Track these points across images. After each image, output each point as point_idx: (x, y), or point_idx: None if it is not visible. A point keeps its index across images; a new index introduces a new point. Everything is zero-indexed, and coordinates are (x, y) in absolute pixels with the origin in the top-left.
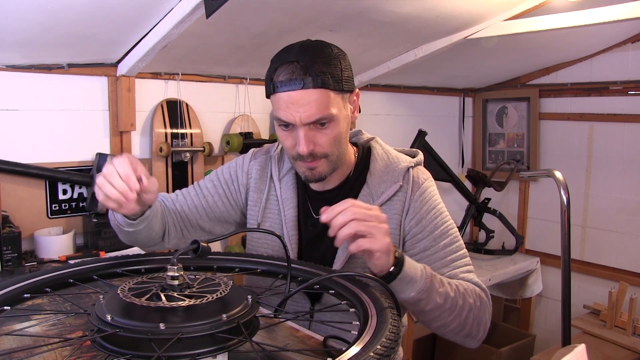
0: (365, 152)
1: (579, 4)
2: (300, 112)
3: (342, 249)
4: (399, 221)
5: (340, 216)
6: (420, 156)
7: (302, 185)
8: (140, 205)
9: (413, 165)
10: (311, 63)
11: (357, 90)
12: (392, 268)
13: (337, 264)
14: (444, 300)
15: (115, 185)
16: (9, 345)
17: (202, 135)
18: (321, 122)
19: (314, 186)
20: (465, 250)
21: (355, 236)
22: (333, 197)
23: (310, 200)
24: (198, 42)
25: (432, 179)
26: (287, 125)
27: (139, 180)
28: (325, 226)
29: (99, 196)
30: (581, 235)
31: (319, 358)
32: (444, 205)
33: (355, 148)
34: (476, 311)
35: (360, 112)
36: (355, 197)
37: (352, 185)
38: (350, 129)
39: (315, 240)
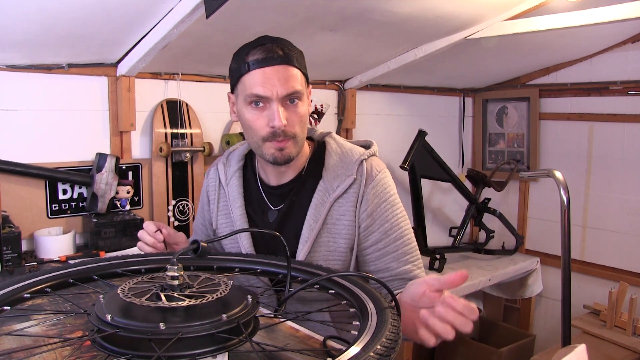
0: (319, 147)
1: (579, 4)
2: (277, 86)
3: (303, 240)
4: (354, 212)
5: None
6: (374, 147)
7: (255, 182)
8: None
9: (366, 157)
10: (286, 46)
11: (310, 87)
12: None
13: (300, 255)
14: None
15: (147, 241)
16: (9, 345)
17: (202, 135)
18: (292, 99)
19: (271, 181)
20: (415, 243)
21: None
22: (288, 190)
23: (266, 195)
24: (198, 42)
25: (387, 170)
26: (258, 102)
27: (160, 230)
28: (283, 217)
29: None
30: (581, 235)
31: (319, 358)
32: (397, 197)
33: (309, 143)
34: None
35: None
36: (312, 192)
37: (306, 179)
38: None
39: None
